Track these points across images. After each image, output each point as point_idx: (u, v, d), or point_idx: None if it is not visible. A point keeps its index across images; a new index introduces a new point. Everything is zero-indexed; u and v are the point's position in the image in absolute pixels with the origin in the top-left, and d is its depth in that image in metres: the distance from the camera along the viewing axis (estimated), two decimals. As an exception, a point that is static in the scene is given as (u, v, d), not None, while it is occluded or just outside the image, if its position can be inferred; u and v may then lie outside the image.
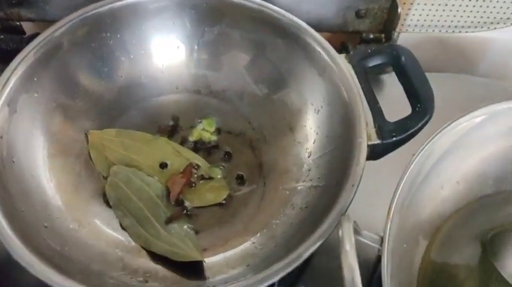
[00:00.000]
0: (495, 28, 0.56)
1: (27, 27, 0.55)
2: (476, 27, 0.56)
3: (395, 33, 0.56)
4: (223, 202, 0.42)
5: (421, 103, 0.37)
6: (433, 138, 0.35)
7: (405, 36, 0.58)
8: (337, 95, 0.40)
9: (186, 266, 0.38)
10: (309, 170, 0.41)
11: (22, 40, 0.52)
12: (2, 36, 0.52)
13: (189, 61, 0.46)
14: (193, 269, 0.38)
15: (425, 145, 0.35)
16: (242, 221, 0.41)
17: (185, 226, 0.40)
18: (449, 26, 0.56)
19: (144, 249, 0.39)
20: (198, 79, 0.46)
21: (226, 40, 0.45)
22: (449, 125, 0.36)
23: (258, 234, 0.39)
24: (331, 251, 0.33)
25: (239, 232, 0.40)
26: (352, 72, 0.40)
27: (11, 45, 0.51)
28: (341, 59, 0.41)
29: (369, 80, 0.40)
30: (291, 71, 0.43)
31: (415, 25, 0.56)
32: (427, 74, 0.41)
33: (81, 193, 0.41)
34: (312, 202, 0.39)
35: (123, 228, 0.40)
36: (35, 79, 0.40)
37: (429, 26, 0.56)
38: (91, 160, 0.42)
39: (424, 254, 0.38)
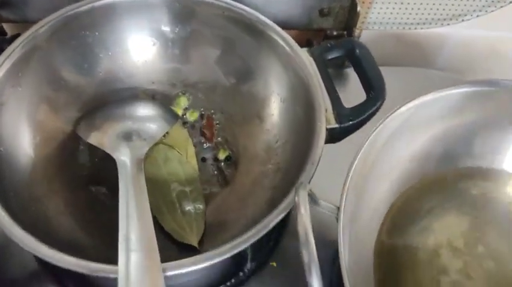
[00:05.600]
0: (448, 24, 0.61)
1: (8, 28, 0.57)
2: (430, 23, 0.61)
3: (357, 31, 0.61)
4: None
5: (374, 90, 0.41)
6: (384, 120, 0.39)
7: (367, 33, 0.62)
8: (300, 85, 0.43)
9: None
10: (276, 155, 0.45)
11: (4, 41, 0.54)
12: (-16, 38, 0.54)
13: (164, 57, 0.49)
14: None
15: (378, 126, 0.39)
16: (216, 203, 0.44)
17: (199, 205, 0.43)
18: (405, 23, 0.61)
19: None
20: (172, 73, 0.50)
21: (198, 37, 0.49)
22: (399, 108, 0.40)
23: (230, 213, 0.43)
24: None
25: (212, 211, 0.44)
26: (314, 64, 0.44)
27: (-7, 46, 0.54)
28: (303, 52, 0.44)
29: (330, 72, 0.44)
30: (257, 64, 0.47)
31: (374, 22, 0.61)
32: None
33: (65, 182, 0.44)
34: (279, 182, 0.43)
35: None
36: (20, 74, 0.42)
37: (387, 23, 0.61)
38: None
39: (381, 226, 0.42)
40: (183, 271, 0.33)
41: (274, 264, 0.45)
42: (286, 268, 0.45)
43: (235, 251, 0.33)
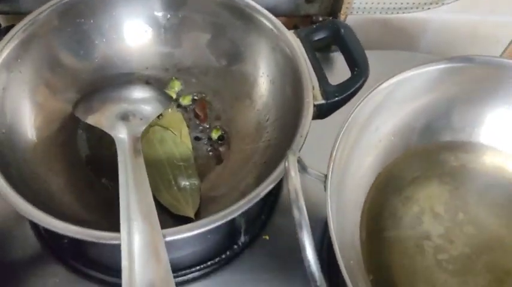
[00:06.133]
0: (429, 8, 0.64)
1: (2, 20, 0.59)
2: (412, 8, 0.64)
3: (343, 16, 0.63)
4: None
5: (358, 67, 0.44)
6: (368, 94, 0.41)
7: (353, 19, 0.65)
8: (288, 64, 0.46)
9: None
10: (267, 132, 0.47)
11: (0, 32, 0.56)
12: (-21, 30, 0.56)
13: (157, 43, 0.51)
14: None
15: (362, 100, 0.41)
16: (210, 179, 0.47)
17: (194, 181, 0.45)
18: (388, 8, 0.63)
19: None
20: (165, 58, 0.52)
21: (190, 22, 0.51)
22: (381, 83, 0.42)
23: (224, 188, 0.45)
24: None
25: (207, 187, 0.46)
26: (300, 45, 0.46)
27: (-12, 38, 0.55)
28: (290, 34, 0.46)
29: (315, 52, 0.46)
30: (247, 46, 0.49)
31: (359, 8, 0.63)
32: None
33: (66, 162, 0.46)
34: (270, 157, 0.45)
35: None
36: (19, 60, 0.44)
37: (371, 8, 0.63)
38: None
39: (367, 196, 0.45)
40: (181, 236, 0.35)
41: (267, 237, 0.48)
42: (279, 241, 0.48)
43: (230, 218, 0.36)
